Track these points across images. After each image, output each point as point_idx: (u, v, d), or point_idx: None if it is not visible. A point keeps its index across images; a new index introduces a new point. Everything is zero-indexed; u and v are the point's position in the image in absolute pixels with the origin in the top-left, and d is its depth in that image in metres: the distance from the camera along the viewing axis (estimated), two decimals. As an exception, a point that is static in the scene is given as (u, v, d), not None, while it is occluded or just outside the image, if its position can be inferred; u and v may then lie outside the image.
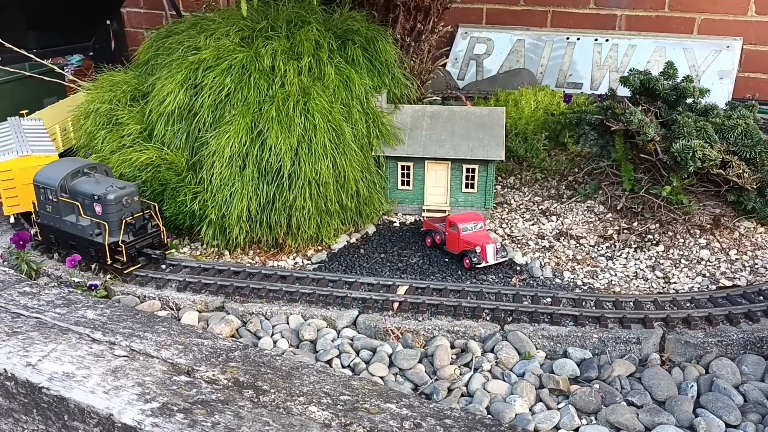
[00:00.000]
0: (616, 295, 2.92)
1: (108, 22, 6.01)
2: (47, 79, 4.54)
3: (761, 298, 2.86)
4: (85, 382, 2.18)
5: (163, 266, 3.17)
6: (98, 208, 3.02)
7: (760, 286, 2.95)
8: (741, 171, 3.27)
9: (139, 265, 3.12)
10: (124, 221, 3.02)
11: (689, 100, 3.62)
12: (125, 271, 3.08)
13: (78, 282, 3.02)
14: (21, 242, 3.16)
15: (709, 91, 3.61)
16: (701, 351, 2.63)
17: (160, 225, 3.18)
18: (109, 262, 3.04)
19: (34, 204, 3.24)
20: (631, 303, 2.85)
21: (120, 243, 3.01)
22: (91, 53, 5.88)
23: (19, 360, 2.28)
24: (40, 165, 3.27)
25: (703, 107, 3.56)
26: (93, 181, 3.11)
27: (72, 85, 4.60)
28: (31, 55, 4.36)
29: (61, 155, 3.66)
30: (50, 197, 3.12)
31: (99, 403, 2.08)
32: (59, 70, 4.55)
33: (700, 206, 3.39)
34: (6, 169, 3.37)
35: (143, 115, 3.43)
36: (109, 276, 3.09)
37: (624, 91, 3.83)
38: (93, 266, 3.13)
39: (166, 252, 3.24)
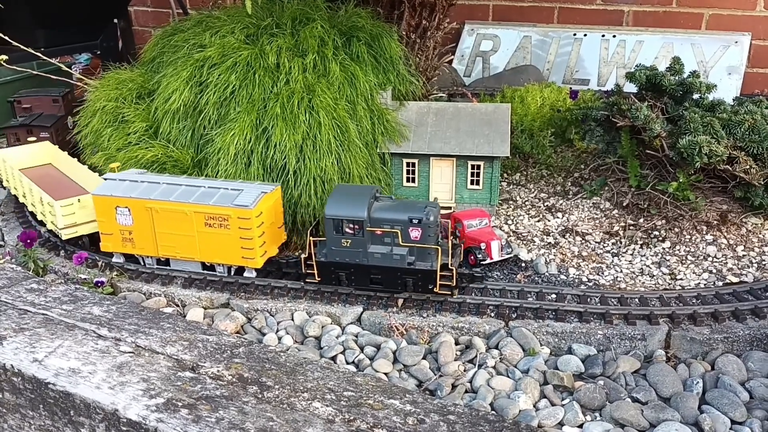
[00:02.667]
0: (621, 292, 2.91)
1: (115, 20, 6.03)
2: (54, 77, 4.56)
3: (768, 294, 2.84)
4: (90, 378, 2.19)
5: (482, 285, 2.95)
6: (416, 233, 2.75)
7: (767, 282, 2.93)
8: (748, 167, 3.24)
9: (463, 286, 2.89)
10: (451, 242, 2.82)
11: (696, 96, 3.60)
12: (453, 296, 2.84)
13: (84, 279, 3.04)
14: (29, 240, 3.18)
15: (715, 86, 3.58)
16: (707, 347, 2.61)
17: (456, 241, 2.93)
18: (437, 288, 2.80)
19: (315, 242, 2.89)
20: (636, 299, 2.84)
21: (450, 266, 2.76)
22: (98, 51, 5.90)
23: (26, 356, 2.30)
24: (274, 202, 3.03)
25: (710, 103, 3.54)
26: (390, 204, 2.85)
27: (79, 84, 4.62)
28: (39, 54, 4.38)
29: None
30: (350, 230, 2.79)
31: (104, 398, 2.09)
32: (66, 69, 4.57)
33: (707, 202, 3.37)
34: (258, 213, 2.91)
35: (149, 112, 3.45)
36: (115, 273, 3.11)
37: (631, 87, 3.82)
38: (100, 263, 3.14)
39: None
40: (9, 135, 4.43)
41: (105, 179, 3.15)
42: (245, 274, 3.07)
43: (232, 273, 3.09)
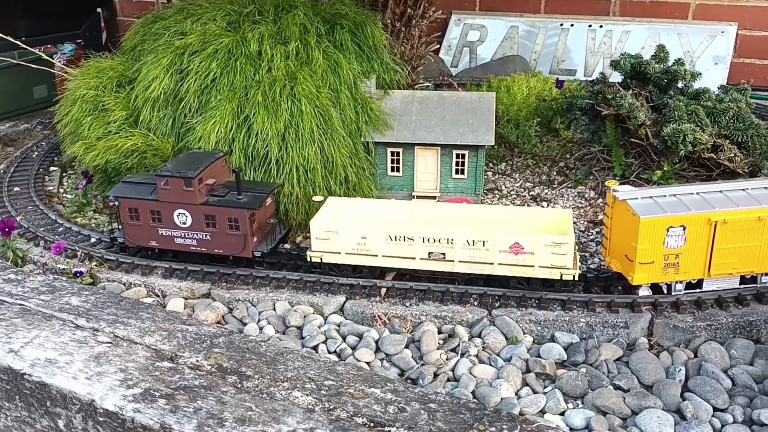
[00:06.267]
0: (604, 280, 2.89)
1: (98, 10, 5.96)
2: (35, 66, 4.50)
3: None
4: (67, 369, 2.16)
5: None
6: None
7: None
8: (732, 155, 3.24)
9: None
10: None
11: (681, 84, 3.59)
12: None
13: (63, 269, 3.00)
14: (6, 230, 3.13)
15: (700, 74, 3.57)
16: (690, 335, 2.61)
17: None
18: None
19: None
20: (619, 287, 2.83)
21: None
22: (80, 41, 5.84)
23: (2, 346, 2.26)
24: None
25: (694, 91, 3.53)
26: None
27: (62, 74, 4.56)
28: (20, 43, 4.32)
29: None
30: None
31: (81, 389, 2.06)
32: (47, 58, 4.50)
33: (692, 191, 3.36)
34: None
35: (129, 101, 3.40)
36: (94, 263, 3.07)
37: (617, 77, 3.81)
38: (79, 253, 3.11)
39: None
40: (245, 216, 2.91)
41: (629, 200, 2.69)
42: None
43: None
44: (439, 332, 2.69)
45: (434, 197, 3.54)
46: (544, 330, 2.66)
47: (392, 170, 3.56)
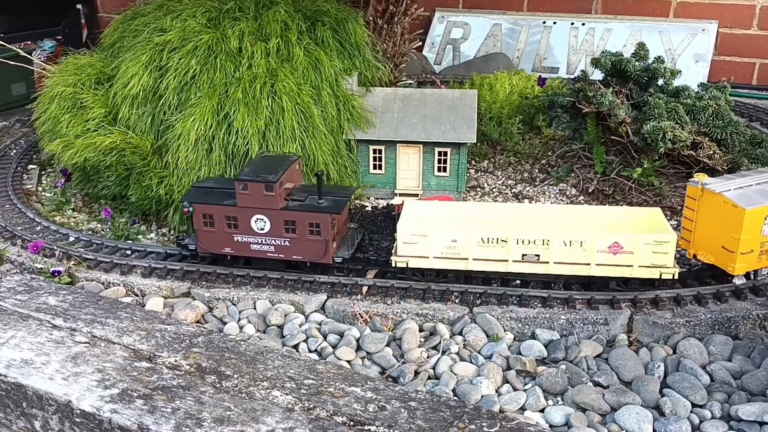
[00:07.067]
0: (584, 277, 2.89)
1: (78, 6, 5.90)
2: (13, 63, 4.44)
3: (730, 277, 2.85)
4: (44, 369, 2.13)
5: None
6: None
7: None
8: (712, 152, 3.27)
9: None
10: None
11: (660, 82, 3.62)
12: None
13: (41, 268, 2.96)
14: (-17, 229, 3.09)
15: (680, 72, 3.60)
16: (669, 331, 2.62)
17: None
18: None
19: None
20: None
21: None
22: (60, 38, 5.77)
23: (-24, 347, 2.23)
24: None
25: (674, 88, 3.56)
26: None
27: (41, 71, 4.51)
28: (-3, 39, 4.27)
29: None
30: None
31: (57, 389, 2.04)
32: (26, 55, 4.45)
33: (671, 188, 3.39)
34: None
35: (108, 98, 3.36)
36: (72, 262, 3.03)
37: (598, 75, 3.82)
38: (57, 252, 3.07)
39: None
40: (327, 221, 2.83)
41: (725, 192, 2.70)
42: None
43: None
44: (421, 330, 2.68)
45: (416, 195, 3.54)
46: (524, 327, 2.67)
47: (374, 168, 3.56)
